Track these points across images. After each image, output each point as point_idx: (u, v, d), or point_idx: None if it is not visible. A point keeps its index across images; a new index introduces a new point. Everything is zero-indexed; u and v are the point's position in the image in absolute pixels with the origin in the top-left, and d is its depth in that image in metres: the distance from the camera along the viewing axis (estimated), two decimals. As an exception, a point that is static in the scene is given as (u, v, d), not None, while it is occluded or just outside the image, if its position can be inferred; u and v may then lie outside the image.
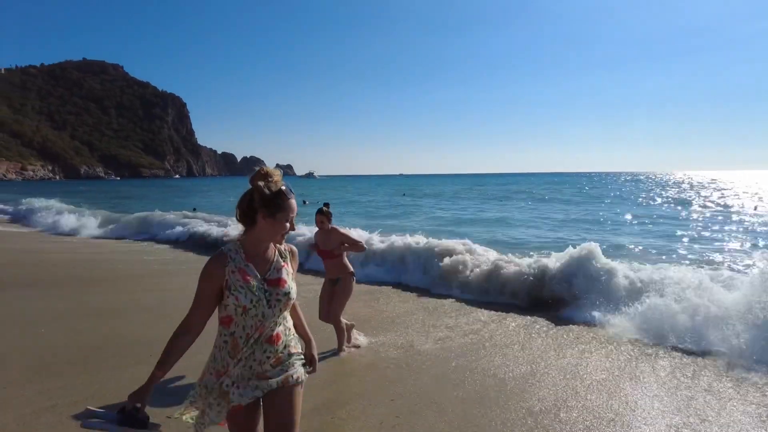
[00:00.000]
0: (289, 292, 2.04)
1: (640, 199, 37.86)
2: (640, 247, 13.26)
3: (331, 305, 5.19)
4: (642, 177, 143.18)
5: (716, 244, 14.48)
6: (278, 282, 2.03)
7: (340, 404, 3.94)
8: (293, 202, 2.01)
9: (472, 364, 4.84)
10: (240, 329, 1.97)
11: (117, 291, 8.01)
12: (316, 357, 2.26)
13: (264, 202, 1.94)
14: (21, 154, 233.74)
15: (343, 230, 5.31)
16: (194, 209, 26.49)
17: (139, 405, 1.88)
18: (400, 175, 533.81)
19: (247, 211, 1.98)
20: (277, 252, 2.10)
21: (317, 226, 5.27)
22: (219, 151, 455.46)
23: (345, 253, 5.27)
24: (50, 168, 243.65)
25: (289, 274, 2.09)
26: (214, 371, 2.02)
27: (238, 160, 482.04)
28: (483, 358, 5.02)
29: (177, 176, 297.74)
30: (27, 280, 8.81)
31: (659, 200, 36.66)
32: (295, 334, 2.19)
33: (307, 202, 37.43)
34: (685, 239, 15.52)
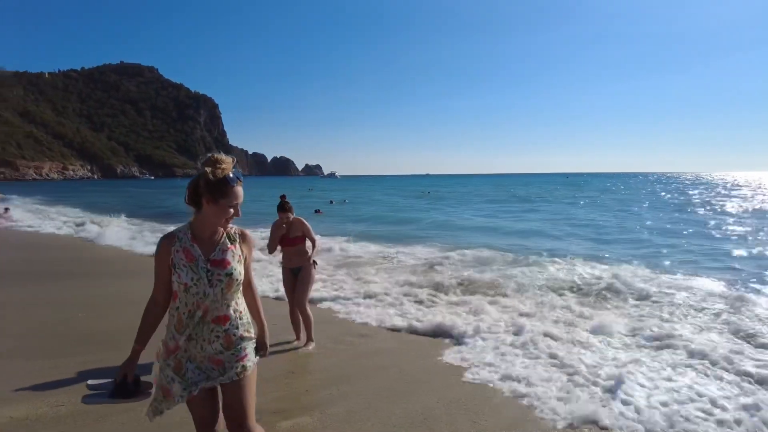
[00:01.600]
0: (231, 273, 2.12)
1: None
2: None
3: (296, 294, 5.17)
4: (697, 178, 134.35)
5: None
6: (222, 263, 2.11)
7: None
8: (238, 189, 2.09)
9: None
10: (183, 305, 2.11)
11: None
12: (268, 343, 2.32)
13: (208, 187, 2.04)
14: (63, 154, 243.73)
15: (304, 221, 5.31)
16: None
17: (124, 377, 2.15)
18: (427, 175, 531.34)
19: (192, 195, 2.10)
20: (225, 235, 2.18)
21: (283, 222, 5.16)
22: (250, 152, 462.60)
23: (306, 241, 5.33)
24: (89, 168, 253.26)
25: (235, 256, 2.16)
26: (166, 348, 2.15)
27: (269, 160, 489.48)
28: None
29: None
30: (75, 271, 9.56)
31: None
32: (249, 320, 2.25)
33: (333, 202, 38.03)
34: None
